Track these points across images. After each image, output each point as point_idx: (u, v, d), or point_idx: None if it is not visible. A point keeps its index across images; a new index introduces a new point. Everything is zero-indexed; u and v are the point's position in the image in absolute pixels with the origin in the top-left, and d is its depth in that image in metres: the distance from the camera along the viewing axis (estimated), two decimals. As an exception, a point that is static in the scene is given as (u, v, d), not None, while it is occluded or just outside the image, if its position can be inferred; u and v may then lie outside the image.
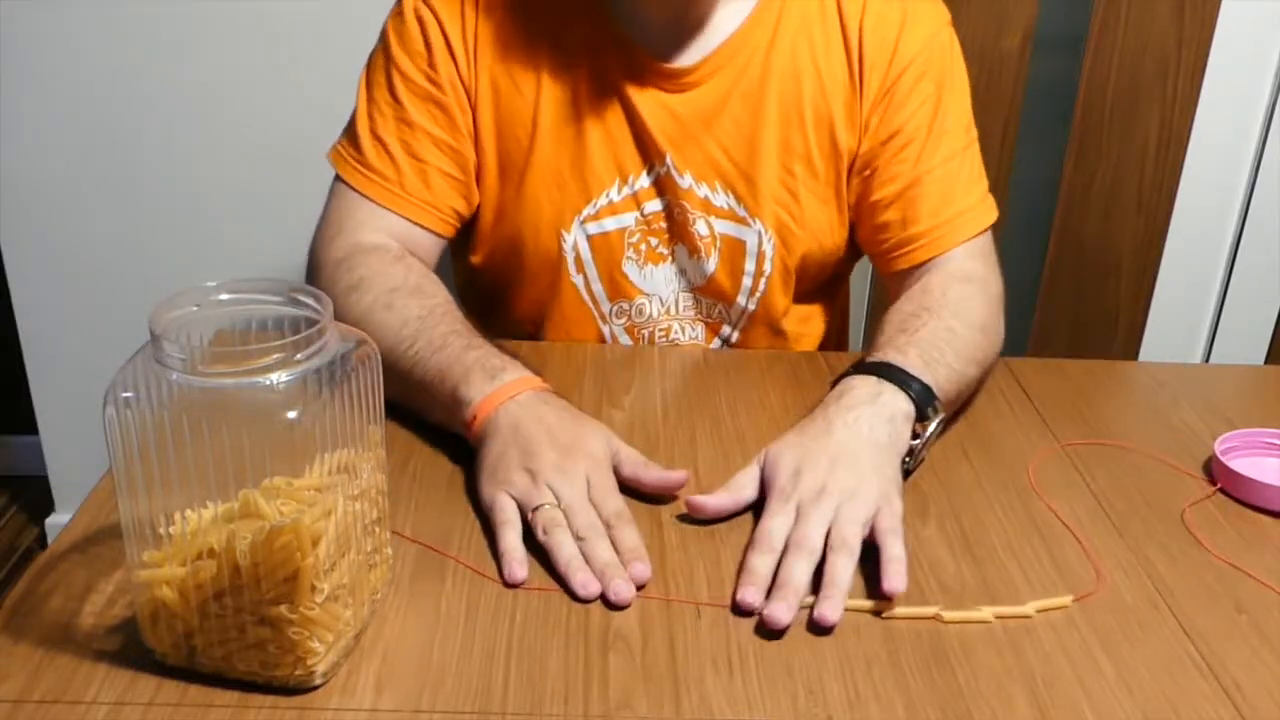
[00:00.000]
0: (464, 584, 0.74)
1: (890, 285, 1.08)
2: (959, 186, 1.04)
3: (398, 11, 1.03)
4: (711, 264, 1.08)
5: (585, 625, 0.70)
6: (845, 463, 0.79)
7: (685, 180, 1.04)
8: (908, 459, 0.85)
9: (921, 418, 0.86)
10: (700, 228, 1.06)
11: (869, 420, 0.83)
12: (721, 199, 1.05)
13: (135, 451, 0.61)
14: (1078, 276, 1.85)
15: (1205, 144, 1.76)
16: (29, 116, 1.69)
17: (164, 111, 1.69)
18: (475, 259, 1.10)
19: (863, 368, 0.89)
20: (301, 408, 0.61)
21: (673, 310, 1.11)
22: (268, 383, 0.60)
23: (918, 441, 0.85)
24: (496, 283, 1.11)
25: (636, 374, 1.03)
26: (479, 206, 1.06)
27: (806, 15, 1.03)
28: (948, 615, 0.72)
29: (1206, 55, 1.70)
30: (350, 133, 1.04)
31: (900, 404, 0.85)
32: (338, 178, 1.04)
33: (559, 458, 0.79)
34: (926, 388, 0.86)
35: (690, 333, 1.12)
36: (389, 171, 1.01)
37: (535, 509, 0.77)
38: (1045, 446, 0.93)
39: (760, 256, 1.07)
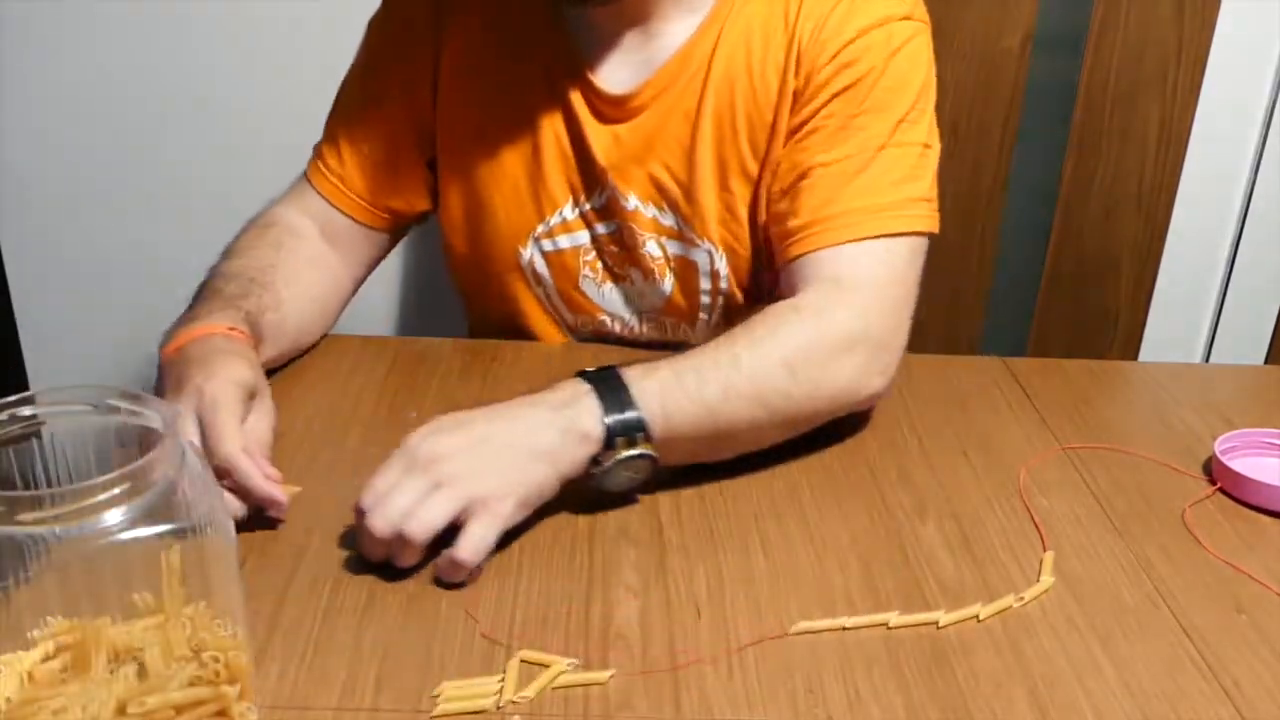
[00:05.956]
0: (464, 584, 0.74)
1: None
2: (860, 183, 0.92)
3: (376, 14, 1.07)
4: (667, 285, 1.05)
5: (585, 625, 0.71)
6: (478, 450, 0.75)
7: (630, 202, 1.02)
8: (596, 472, 0.78)
9: (610, 445, 0.77)
10: (652, 249, 1.03)
11: (539, 422, 0.77)
12: (669, 219, 1.02)
13: None
14: (1078, 276, 1.85)
15: (1205, 144, 1.76)
16: (29, 116, 1.69)
17: (165, 111, 1.69)
18: (450, 262, 1.12)
19: (590, 373, 0.81)
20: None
21: (635, 331, 1.09)
22: None
23: (597, 469, 0.78)
24: (472, 285, 1.13)
25: (636, 374, 1.03)
26: (448, 210, 1.08)
27: (751, 19, 0.96)
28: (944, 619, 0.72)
29: (1206, 55, 1.70)
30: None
31: (584, 423, 0.77)
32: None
33: (174, 395, 0.79)
34: (636, 419, 0.78)
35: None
36: (334, 163, 1.06)
37: None
38: (1044, 447, 0.93)
39: (714, 276, 1.03)
